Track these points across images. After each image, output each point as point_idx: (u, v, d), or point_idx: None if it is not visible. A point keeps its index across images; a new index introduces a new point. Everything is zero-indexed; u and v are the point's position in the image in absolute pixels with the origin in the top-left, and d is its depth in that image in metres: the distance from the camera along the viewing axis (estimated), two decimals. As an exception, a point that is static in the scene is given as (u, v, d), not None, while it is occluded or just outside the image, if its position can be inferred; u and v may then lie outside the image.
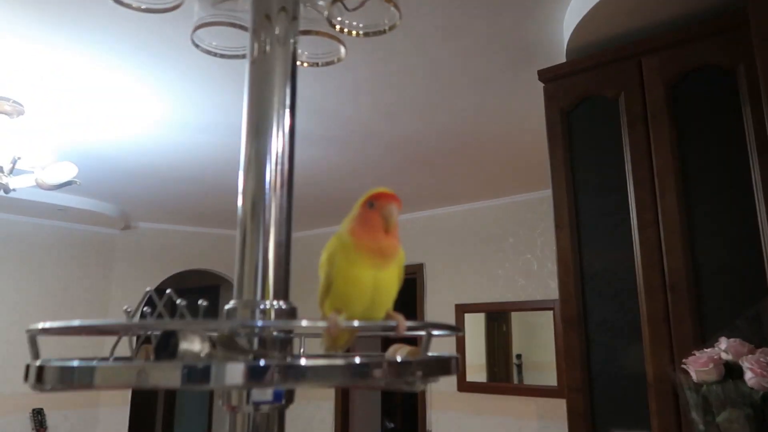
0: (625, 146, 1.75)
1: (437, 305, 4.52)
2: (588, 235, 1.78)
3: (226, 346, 0.47)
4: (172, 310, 0.58)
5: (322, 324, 0.49)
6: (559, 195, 1.84)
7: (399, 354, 0.63)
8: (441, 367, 0.48)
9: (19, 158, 2.60)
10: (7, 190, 2.64)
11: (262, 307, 0.55)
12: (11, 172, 2.62)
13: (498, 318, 4.20)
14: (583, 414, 1.71)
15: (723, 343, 1.49)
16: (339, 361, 0.44)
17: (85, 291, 4.83)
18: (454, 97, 2.52)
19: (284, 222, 0.58)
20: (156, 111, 2.68)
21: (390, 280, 0.58)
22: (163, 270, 5.20)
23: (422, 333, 0.51)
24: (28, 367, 0.46)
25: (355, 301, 0.58)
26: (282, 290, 0.57)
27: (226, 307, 0.57)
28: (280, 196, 0.58)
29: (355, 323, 0.54)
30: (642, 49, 1.75)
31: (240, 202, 0.59)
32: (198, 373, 0.41)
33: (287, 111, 0.60)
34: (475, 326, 4.28)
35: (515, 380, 4.05)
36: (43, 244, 4.64)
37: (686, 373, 1.51)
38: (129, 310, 0.58)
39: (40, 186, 2.74)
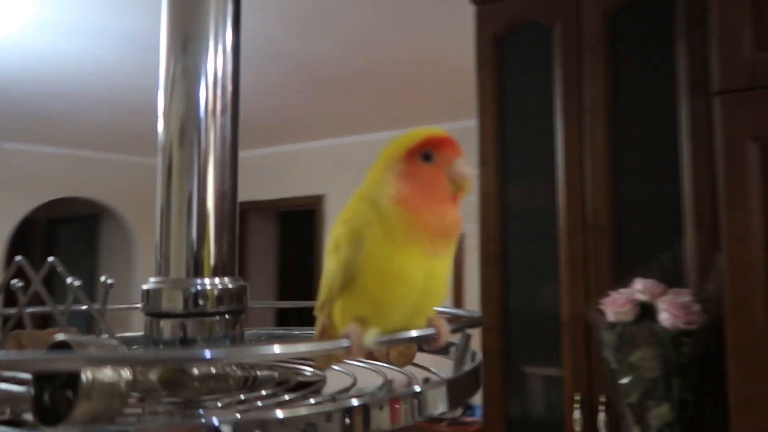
0: (556, 78, 1.67)
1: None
2: (513, 171, 1.72)
3: (169, 384, 0.31)
4: (50, 285, 0.40)
5: (342, 344, 0.33)
6: (486, 129, 1.74)
7: (392, 356, 0.49)
8: (470, 383, 0.35)
9: None
10: None
11: (198, 288, 0.39)
12: None
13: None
14: (498, 352, 1.70)
15: (639, 283, 1.50)
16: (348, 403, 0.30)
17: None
18: (372, 15, 2.31)
19: (229, 163, 0.41)
20: (26, 9, 2.23)
21: (445, 273, 0.40)
22: (33, 197, 4.64)
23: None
24: None
25: (394, 307, 0.38)
26: (228, 262, 0.41)
27: (145, 287, 0.40)
28: (222, 126, 0.41)
29: (372, 336, 0.36)
30: (580, -25, 1.65)
31: (161, 132, 0.41)
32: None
33: (229, 19, 0.42)
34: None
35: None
36: None
37: (602, 313, 1.52)
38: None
39: None
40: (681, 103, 1.53)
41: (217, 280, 0.39)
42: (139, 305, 0.53)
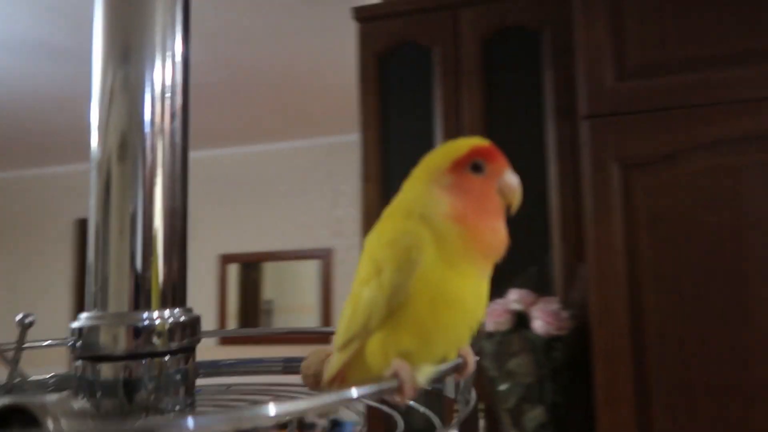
0: (436, 98, 1.73)
1: (197, 256, 4.17)
2: (396, 188, 1.74)
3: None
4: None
5: (392, 386, 0.29)
6: (368, 145, 1.75)
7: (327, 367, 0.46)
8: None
9: None
10: None
11: (146, 323, 0.34)
12: None
13: (254, 267, 4.08)
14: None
15: (513, 294, 1.60)
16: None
17: None
18: (241, 21, 2.24)
19: (179, 179, 0.36)
20: None
21: (487, 294, 0.37)
22: None
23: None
24: None
25: (442, 336, 0.35)
26: (179, 290, 0.35)
27: (75, 325, 0.34)
28: (171, 140, 0.36)
29: (425, 374, 0.32)
30: (458, 2, 1.73)
31: (95, 147, 0.35)
32: None
33: (178, 25, 0.37)
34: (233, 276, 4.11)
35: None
36: None
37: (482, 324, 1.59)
38: None
39: None
40: (548, 126, 1.66)
41: (167, 312, 0.34)
42: (54, 341, 0.45)
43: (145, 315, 0.34)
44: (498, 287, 1.60)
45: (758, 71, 1.26)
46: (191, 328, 0.35)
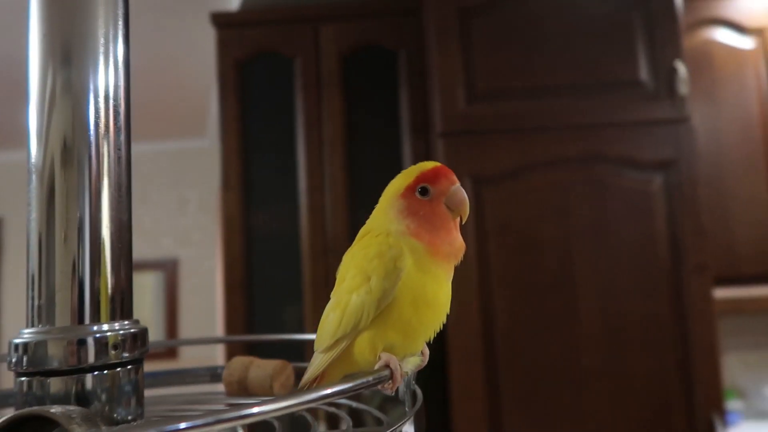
0: (298, 109, 1.75)
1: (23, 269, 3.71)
2: (257, 196, 1.74)
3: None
4: None
5: (384, 375, 0.33)
6: (229, 153, 1.72)
7: (275, 389, 0.47)
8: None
9: None
10: None
11: (98, 335, 0.32)
12: None
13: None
14: (243, 378, 1.67)
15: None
16: None
17: None
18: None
19: (125, 186, 0.35)
20: None
21: (450, 293, 0.42)
22: None
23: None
24: None
25: (421, 331, 0.40)
26: (127, 301, 0.35)
27: (19, 340, 0.32)
28: (116, 146, 0.35)
29: (411, 363, 0.39)
30: (319, 16, 1.78)
31: (35, 153, 0.33)
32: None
33: (120, 27, 0.37)
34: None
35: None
36: None
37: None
38: None
39: None
40: (404, 142, 1.76)
41: (117, 324, 0.33)
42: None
43: (95, 328, 0.33)
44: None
45: (584, 102, 1.47)
46: (141, 340, 0.34)
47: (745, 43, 1.78)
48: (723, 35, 1.79)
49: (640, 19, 1.49)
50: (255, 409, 0.24)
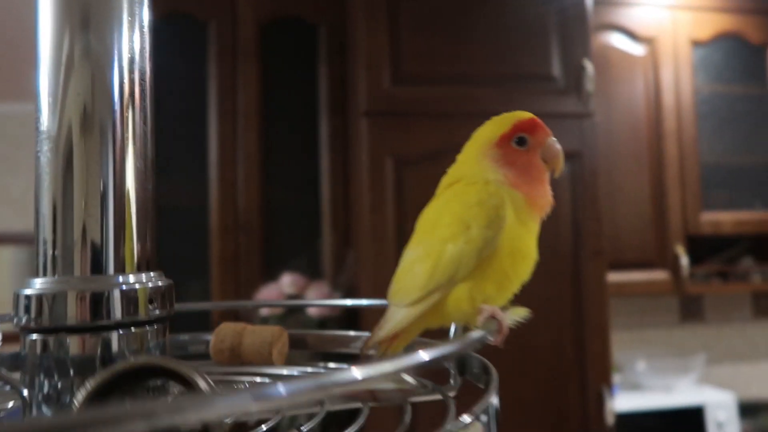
0: (210, 77, 1.66)
1: None
2: (161, 167, 1.63)
3: None
4: None
5: (492, 328, 0.31)
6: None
7: (275, 347, 0.44)
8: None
9: None
10: None
11: (124, 287, 0.29)
12: None
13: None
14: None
15: (286, 278, 1.64)
16: None
17: None
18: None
19: (150, 157, 0.32)
20: None
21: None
22: None
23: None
24: None
25: (515, 284, 0.39)
26: (152, 253, 0.31)
27: (29, 291, 0.27)
28: (142, 112, 0.32)
29: (517, 314, 0.37)
30: (238, -19, 1.69)
31: (48, 119, 0.29)
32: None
33: None
34: None
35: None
36: None
37: (256, 308, 1.60)
38: None
39: None
40: (322, 119, 1.74)
41: (144, 276, 0.30)
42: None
43: (121, 279, 0.29)
44: (271, 271, 1.62)
45: (502, 91, 1.53)
46: (170, 295, 0.31)
47: (637, 49, 1.95)
48: (619, 41, 1.94)
49: (555, 18, 1.57)
50: (362, 373, 0.22)
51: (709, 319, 2.22)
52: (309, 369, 0.46)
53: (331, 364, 0.50)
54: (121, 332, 0.29)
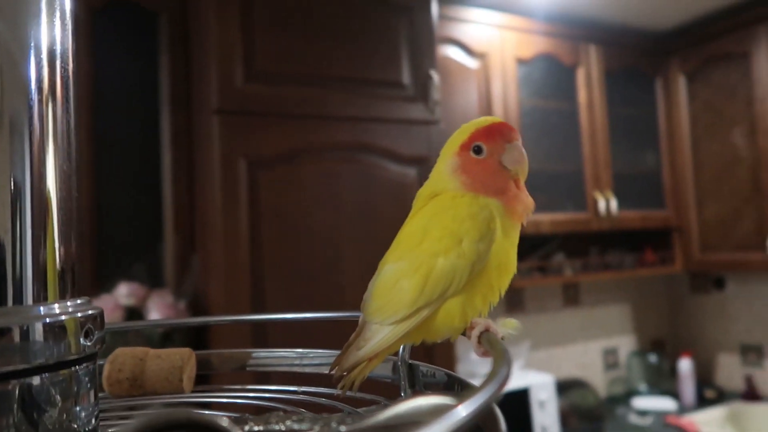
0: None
1: None
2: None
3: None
4: None
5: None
6: None
7: (185, 372, 0.39)
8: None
9: None
10: None
11: (48, 320, 0.24)
12: None
13: None
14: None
15: (123, 288, 1.50)
16: None
17: None
18: None
19: (74, 153, 0.27)
20: None
21: None
22: None
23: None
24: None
25: (499, 295, 0.39)
26: (73, 277, 0.26)
27: None
28: (64, 106, 0.26)
29: (511, 326, 0.38)
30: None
31: None
32: None
33: None
34: None
35: None
36: None
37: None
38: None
39: None
40: (163, 114, 1.62)
41: (69, 303, 0.25)
42: None
43: (43, 309, 0.24)
44: (104, 281, 1.47)
45: (356, 96, 1.55)
46: (100, 322, 0.26)
47: (471, 63, 2.10)
48: (456, 54, 2.08)
49: (404, 29, 1.64)
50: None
51: (528, 309, 2.47)
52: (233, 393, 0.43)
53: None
54: (45, 376, 0.24)
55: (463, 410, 0.19)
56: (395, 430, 0.21)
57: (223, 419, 0.19)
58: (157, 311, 1.46)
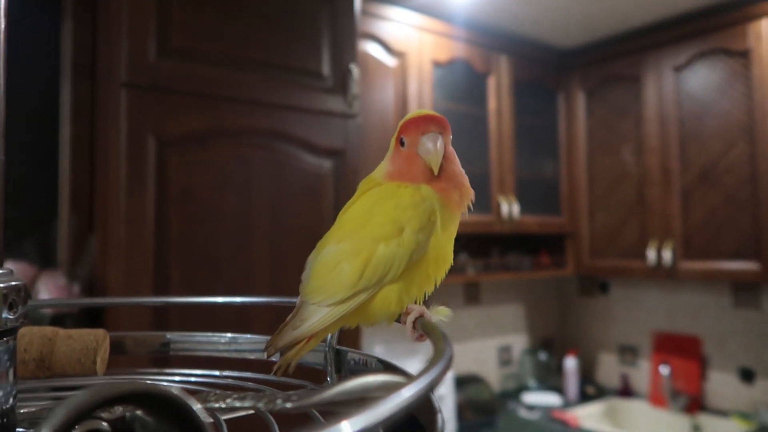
0: None
1: None
2: None
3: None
4: None
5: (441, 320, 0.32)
6: None
7: (99, 354, 0.37)
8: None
9: None
10: None
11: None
12: None
13: None
14: None
15: (9, 266, 1.39)
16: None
17: None
18: None
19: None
20: None
21: None
22: None
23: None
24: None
25: (434, 285, 0.40)
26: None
27: None
28: None
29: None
30: None
31: None
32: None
33: None
34: None
35: None
36: None
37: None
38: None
39: None
40: (64, 83, 1.51)
41: None
42: None
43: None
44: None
45: (274, 81, 1.52)
46: (24, 295, 0.25)
47: (390, 61, 2.13)
48: (375, 50, 2.10)
49: (327, 21, 1.63)
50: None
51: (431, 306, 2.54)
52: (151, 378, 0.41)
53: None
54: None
55: (414, 387, 0.20)
56: (343, 405, 0.21)
57: (182, 392, 0.18)
58: (47, 293, 1.37)
